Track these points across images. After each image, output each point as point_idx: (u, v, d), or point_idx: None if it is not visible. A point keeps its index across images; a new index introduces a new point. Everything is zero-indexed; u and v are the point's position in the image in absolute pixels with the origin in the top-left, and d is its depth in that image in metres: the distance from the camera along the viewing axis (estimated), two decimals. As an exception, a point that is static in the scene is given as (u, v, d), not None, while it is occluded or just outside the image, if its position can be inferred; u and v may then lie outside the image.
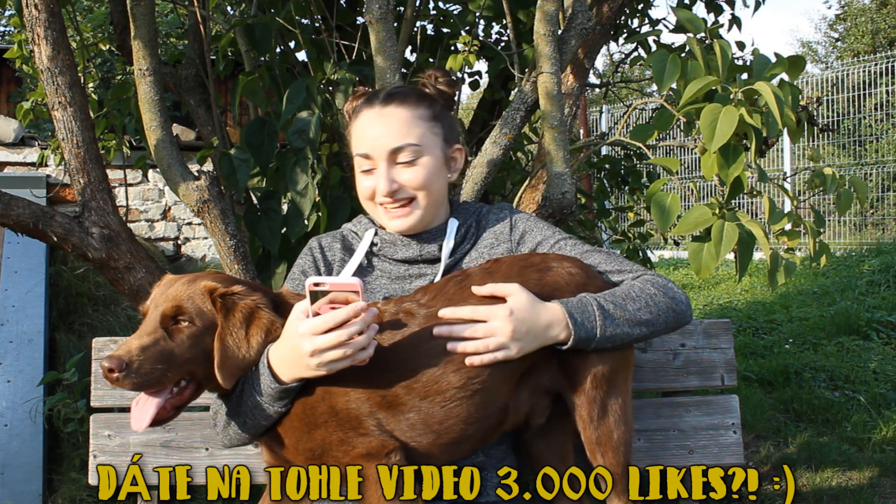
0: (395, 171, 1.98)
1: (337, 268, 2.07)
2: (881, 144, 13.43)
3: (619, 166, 4.74)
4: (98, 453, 2.23)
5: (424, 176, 1.98)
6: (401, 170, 1.98)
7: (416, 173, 1.97)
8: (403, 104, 1.99)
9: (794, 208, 2.57)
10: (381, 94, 2.03)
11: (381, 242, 2.08)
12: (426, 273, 2.03)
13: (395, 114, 1.98)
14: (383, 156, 1.97)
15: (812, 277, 9.02)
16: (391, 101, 2.00)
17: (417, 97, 2.03)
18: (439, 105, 2.07)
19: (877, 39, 21.92)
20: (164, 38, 6.35)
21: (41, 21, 2.66)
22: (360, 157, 2.01)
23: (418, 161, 1.98)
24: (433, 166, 1.99)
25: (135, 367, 1.62)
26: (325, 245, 2.14)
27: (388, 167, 1.97)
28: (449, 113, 2.11)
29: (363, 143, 2.00)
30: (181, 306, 1.71)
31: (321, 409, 1.73)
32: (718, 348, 2.31)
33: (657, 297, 1.88)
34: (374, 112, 2.00)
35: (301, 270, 2.09)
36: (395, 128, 1.97)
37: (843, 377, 5.66)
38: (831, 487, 3.95)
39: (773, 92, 2.20)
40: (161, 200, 6.87)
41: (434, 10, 3.91)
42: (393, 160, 1.97)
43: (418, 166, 1.98)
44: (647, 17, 4.20)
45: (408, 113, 1.99)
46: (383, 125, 1.98)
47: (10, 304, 4.82)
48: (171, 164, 2.80)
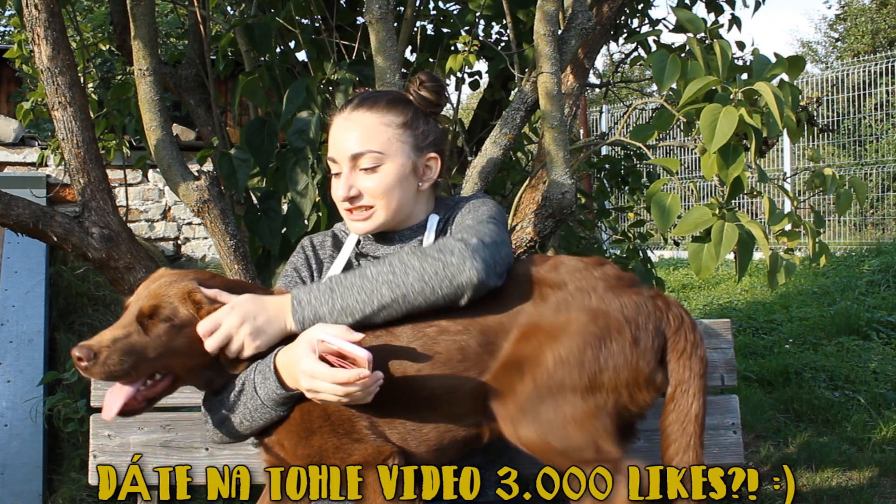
0: (355, 177, 1.97)
1: (327, 266, 2.09)
2: (881, 144, 13.43)
3: (619, 166, 4.74)
4: (98, 453, 2.23)
5: (385, 184, 1.96)
6: (362, 176, 1.97)
7: (376, 181, 1.96)
8: (371, 110, 1.98)
9: (794, 208, 2.57)
10: (356, 99, 2.03)
11: (364, 240, 2.09)
12: None
13: (361, 119, 1.97)
14: (345, 160, 1.97)
15: (812, 277, 9.02)
16: (360, 107, 1.99)
17: (388, 103, 2.00)
18: (413, 111, 2.02)
19: (877, 39, 21.91)
20: (164, 38, 6.34)
21: (41, 21, 2.66)
22: (330, 160, 2.02)
23: (379, 168, 1.96)
24: (396, 174, 1.97)
25: (102, 358, 1.65)
26: (317, 243, 2.15)
27: (349, 172, 1.97)
28: (427, 119, 2.05)
29: (331, 147, 2.01)
30: (158, 305, 1.74)
31: (316, 413, 1.74)
32: (718, 348, 2.31)
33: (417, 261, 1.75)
34: (343, 117, 2.01)
35: (293, 268, 2.10)
36: (359, 133, 1.96)
37: (843, 377, 5.66)
38: (831, 487, 3.95)
39: (773, 92, 2.20)
40: (161, 200, 6.88)
41: (434, 9, 3.92)
42: (354, 165, 1.97)
43: (379, 174, 1.96)
44: (647, 17, 4.20)
45: (374, 119, 1.97)
46: (348, 130, 1.98)
47: (11, 304, 4.82)
48: (171, 164, 2.80)
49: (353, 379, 1.59)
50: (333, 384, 1.61)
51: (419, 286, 1.72)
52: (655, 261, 9.58)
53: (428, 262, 1.73)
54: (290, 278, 2.07)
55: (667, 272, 10.31)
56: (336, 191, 2.00)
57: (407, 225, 2.05)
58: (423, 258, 1.74)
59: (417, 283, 1.72)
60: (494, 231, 1.85)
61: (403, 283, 1.73)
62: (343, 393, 1.62)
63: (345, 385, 1.60)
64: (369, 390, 1.64)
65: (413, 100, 2.03)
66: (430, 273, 1.73)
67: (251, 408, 1.77)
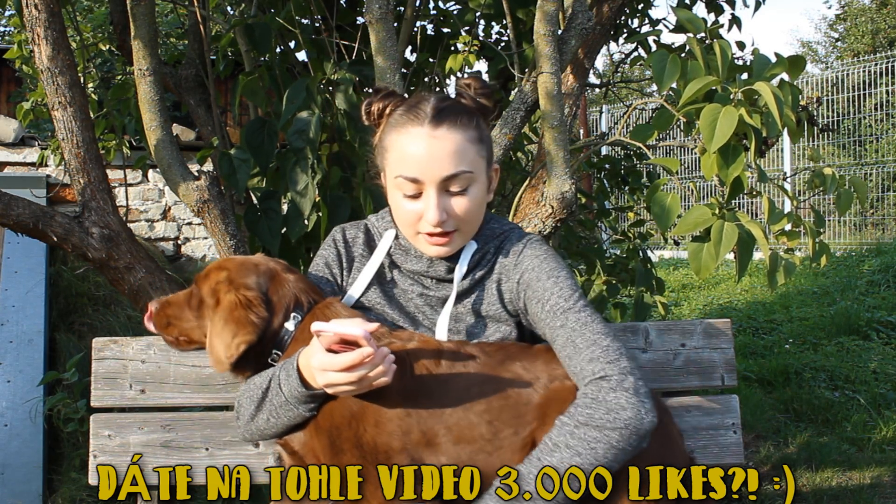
0: (444, 200, 1.82)
1: (357, 265, 2.00)
2: (881, 144, 13.42)
3: (619, 166, 4.74)
4: (98, 453, 2.23)
5: (474, 206, 1.84)
6: (451, 199, 1.82)
7: (466, 204, 1.83)
8: (455, 126, 1.81)
9: (794, 208, 2.58)
10: (429, 109, 1.83)
11: (395, 247, 1.97)
12: (430, 292, 1.94)
13: (449, 137, 1.80)
14: (434, 183, 1.80)
15: (812, 277, 9.02)
16: (443, 122, 1.81)
17: (467, 116, 1.84)
18: (483, 123, 1.90)
19: (877, 39, 21.91)
20: (164, 38, 6.34)
21: (41, 21, 2.66)
22: (406, 179, 1.82)
23: (469, 189, 1.83)
24: (481, 193, 1.86)
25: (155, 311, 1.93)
26: (350, 238, 2.03)
27: (438, 195, 1.81)
28: (489, 130, 1.95)
29: (411, 166, 1.81)
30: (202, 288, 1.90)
31: (345, 434, 1.72)
32: (718, 348, 2.31)
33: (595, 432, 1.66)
34: (425, 132, 1.80)
35: (325, 262, 2.01)
36: (450, 153, 1.79)
37: (843, 377, 5.66)
38: (831, 487, 3.95)
39: (773, 92, 2.20)
40: (161, 200, 6.87)
41: (434, 9, 3.91)
42: (444, 188, 1.81)
43: (468, 196, 1.83)
44: (647, 17, 4.20)
45: (460, 136, 1.81)
46: (436, 149, 1.79)
47: (10, 304, 4.82)
48: (171, 164, 2.80)
49: (358, 360, 1.57)
50: (342, 372, 1.59)
51: (612, 454, 1.65)
52: (655, 261, 9.59)
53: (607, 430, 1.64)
54: (321, 273, 2.01)
55: (667, 272, 10.31)
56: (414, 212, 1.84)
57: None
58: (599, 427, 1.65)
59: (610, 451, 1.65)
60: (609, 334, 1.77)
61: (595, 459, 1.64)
62: (355, 378, 1.60)
63: (351, 370, 1.59)
64: (381, 369, 1.61)
65: (475, 109, 1.89)
66: (615, 438, 1.64)
67: (276, 404, 1.75)
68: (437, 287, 1.95)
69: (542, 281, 1.85)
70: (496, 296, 1.92)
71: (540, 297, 1.84)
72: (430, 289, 1.95)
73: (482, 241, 1.94)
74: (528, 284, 1.87)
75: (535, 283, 1.86)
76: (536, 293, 1.85)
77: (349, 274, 2.01)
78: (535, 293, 1.85)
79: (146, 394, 2.24)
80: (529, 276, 1.87)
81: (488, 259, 1.94)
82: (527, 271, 1.88)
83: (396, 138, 1.84)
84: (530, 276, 1.87)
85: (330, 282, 2.00)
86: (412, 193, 1.83)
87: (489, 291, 1.92)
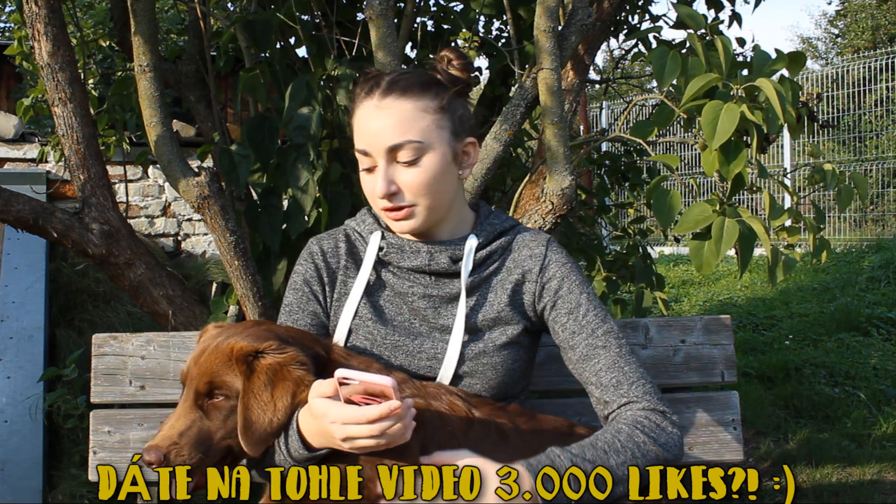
0: (394, 171, 1.78)
1: (341, 278, 1.92)
2: (881, 140, 13.41)
3: (619, 163, 4.74)
4: (98, 449, 2.23)
5: (426, 179, 1.78)
6: (401, 170, 1.78)
7: (418, 175, 1.77)
8: (404, 95, 1.77)
9: (795, 204, 2.58)
10: (382, 82, 1.81)
11: (387, 247, 1.89)
12: (433, 290, 1.88)
13: (395, 106, 1.77)
14: (381, 153, 1.77)
15: (812, 273, 9.02)
16: (391, 92, 1.78)
17: (422, 86, 1.80)
18: (448, 93, 1.82)
19: (877, 35, 21.88)
20: (165, 35, 6.33)
21: (41, 17, 2.65)
22: (360, 153, 1.81)
23: (420, 160, 1.77)
24: (438, 165, 1.79)
25: (173, 458, 1.59)
26: (327, 249, 1.95)
27: (386, 166, 1.77)
28: (461, 101, 1.87)
29: (361, 137, 1.81)
30: (212, 381, 1.63)
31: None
32: (719, 344, 2.31)
33: (645, 446, 1.73)
34: (373, 104, 1.79)
35: (303, 280, 1.93)
36: (395, 122, 1.76)
37: (844, 373, 5.67)
38: (831, 484, 3.95)
39: (775, 88, 2.20)
40: (161, 197, 6.87)
41: (434, 6, 3.91)
42: (392, 158, 1.77)
43: (420, 167, 1.77)
44: (647, 14, 4.19)
45: (410, 104, 1.77)
46: (382, 118, 1.77)
47: (10, 301, 4.82)
48: (172, 160, 2.80)
49: (386, 413, 1.48)
50: (367, 425, 1.50)
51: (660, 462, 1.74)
52: (655, 257, 9.58)
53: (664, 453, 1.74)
54: (300, 293, 1.92)
55: (667, 268, 10.31)
56: (371, 187, 1.81)
57: (444, 227, 1.90)
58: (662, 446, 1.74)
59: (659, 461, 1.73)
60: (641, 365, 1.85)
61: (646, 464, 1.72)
62: (378, 432, 1.50)
63: (378, 422, 1.49)
64: (405, 423, 1.53)
65: (443, 80, 1.84)
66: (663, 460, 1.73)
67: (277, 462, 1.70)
68: (441, 284, 1.88)
69: (575, 294, 1.87)
70: (508, 296, 1.88)
71: (572, 309, 1.86)
72: (433, 287, 1.88)
73: (484, 237, 1.90)
74: (557, 292, 1.87)
75: (568, 295, 1.87)
76: (568, 304, 1.87)
77: (332, 289, 1.93)
78: (566, 304, 1.87)
79: (146, 390, 2.24)
80: (559, 284, 1.88)
81: (496, 258, 1.91)
82: (555, 279, 1.88)
83: (355, 113, 1.84)
84: (560, 285, 1.88)
85: (311, 300, 1.92)
86: (367, 167, 1.81)
87: (498, 291, 1.88)
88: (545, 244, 1.92)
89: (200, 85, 3.53)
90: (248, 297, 2.78)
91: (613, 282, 4.17)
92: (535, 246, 1.91)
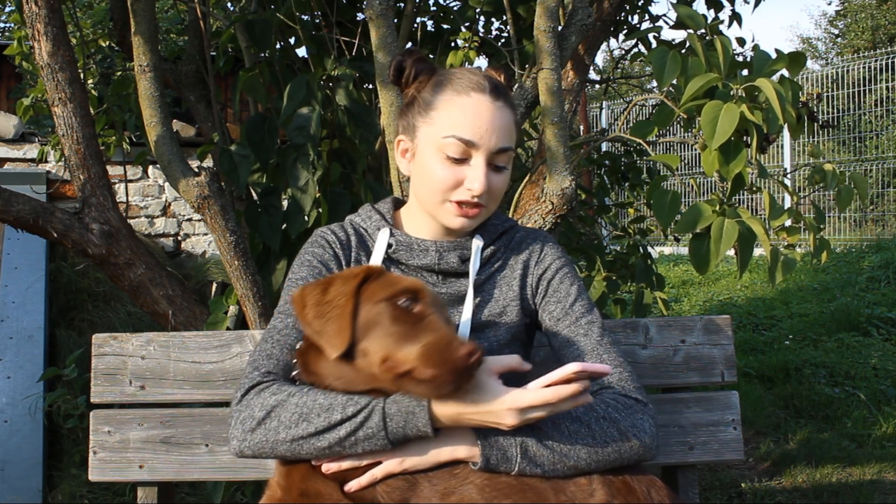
0: (488, 172, 1.79)
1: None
2: (881, 140, 13.42)
3: (619, 163, 4.75)
4: (98, 449, 2.23)
5: (504, 187, 1.83)
6: (492, 173, 1.79)
7: (502, 182, 1.81)
8: (508, 104, 1.82)
9: (795, 204, 2.58)
10: (486, 82, 1.79)
11: (395, 244, 1.87)
12: (440, 289, 1.86)
13: (506, 112, 1.80)
14: (487, 151, 1.77)
15: (812, 274, 9.02)
16: (501, 97, 1.80)
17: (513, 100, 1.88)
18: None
19: (877, 35, 21.89)
20: (165, 35, 6.34)
21: (41, 17, 2.66)
22: (461, 141, 1.76)
23: (506, 168, 1.82)
24: (509, 176, 1.85)
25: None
26: (342, 239, 1.90)
27: (484, 166, 1.77)
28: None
29: (471, 129, 1.76)
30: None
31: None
32: (718, 344, 2.31)
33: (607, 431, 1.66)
34: (488, 100, 1.77)
35: (320, 261, 1.85)
36: (507, 126, 1.79)
37: (844, 373, 5.67)
38: (831, 484, 3.95)
39: (775, 88, 2.20)
40: (161, 196, 6.87)
41: (434, 6, 3.91)
42: (491, 160, 1.78)
43: (504, 175, 1.81)
44: (647, 14, 4.20)
45: (512, 115, 1.82)
46: (499, 119, 1.78)
47: (11, 301, 4.82)
48: (172, 160, 2.80)
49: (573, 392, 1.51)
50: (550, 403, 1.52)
51: (614, 458, 1.64)
52: (655, 257, 9.58)
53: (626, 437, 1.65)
54: (316, 270, 1.83)
55: (667, 268, 10.31)
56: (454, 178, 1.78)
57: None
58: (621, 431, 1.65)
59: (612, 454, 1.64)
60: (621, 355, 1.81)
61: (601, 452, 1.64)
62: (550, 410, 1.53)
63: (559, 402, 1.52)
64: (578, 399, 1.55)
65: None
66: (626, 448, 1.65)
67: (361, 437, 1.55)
68: (447, 283, 1.88)
69: (566, 285, 1.89)
70: (513, 292, 1.90)
71: (561, 298, 1.88)
72: (440, 286, 1.87)
73: (487, 236, 1.91)
74: (550, 283, 1.90)
75: (559, 285, 1.89)
76: (557, 293, 1.89)
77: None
78: (556, 293, 1.89)
79: (146, 390, 2.24)
80: (552, 275, 1.91)
81: (499, 255, 1.92)
82: (549, 270, 1.91)
83: (455, 99, 1.78)
84: (553, 276, 1.91)
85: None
86: (458, 157, 1.77)
87: (503, 288, 1.90)
88: (542, 240, 1.96)
89: (200, 85, 3.54)
90: (248, 297, 2.78)
91: (613, 282, 4.17)
92: (533, 242, 1.95)
